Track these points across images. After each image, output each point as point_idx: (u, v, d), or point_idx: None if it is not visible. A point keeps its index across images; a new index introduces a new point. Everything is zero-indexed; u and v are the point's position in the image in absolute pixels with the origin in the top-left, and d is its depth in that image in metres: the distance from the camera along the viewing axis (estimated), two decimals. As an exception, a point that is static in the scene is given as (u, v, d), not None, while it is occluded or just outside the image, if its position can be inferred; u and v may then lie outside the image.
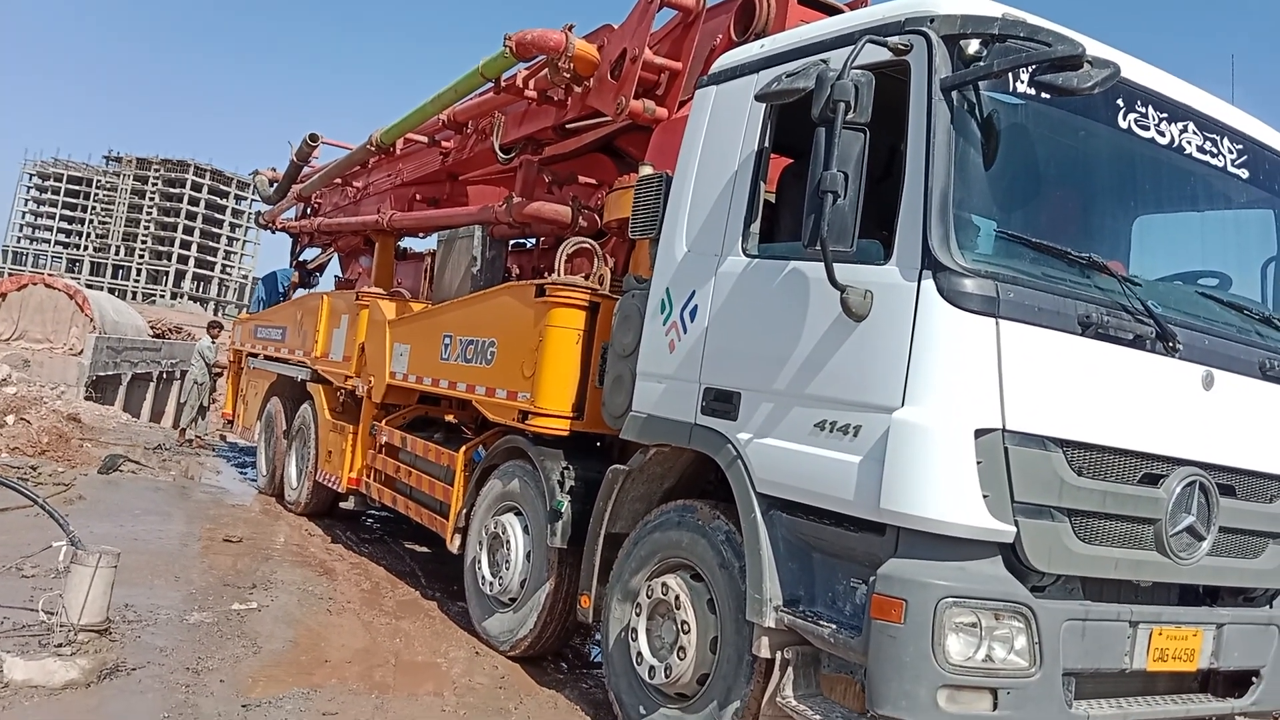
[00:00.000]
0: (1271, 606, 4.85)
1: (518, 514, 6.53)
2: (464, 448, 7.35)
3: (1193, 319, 4.43)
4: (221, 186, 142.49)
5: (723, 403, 4.79)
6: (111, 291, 70.38)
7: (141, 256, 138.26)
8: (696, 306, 5.01)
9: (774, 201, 5.16)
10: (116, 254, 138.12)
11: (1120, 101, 4.28)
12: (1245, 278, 5.03)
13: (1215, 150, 4.64)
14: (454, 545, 7.14)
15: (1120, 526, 4.13)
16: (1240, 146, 4.76)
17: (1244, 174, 4.78)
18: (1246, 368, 4.52)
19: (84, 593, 5.34)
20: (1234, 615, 4.61)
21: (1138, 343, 4.14)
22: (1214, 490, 4.34)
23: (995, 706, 3.86)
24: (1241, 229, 5.10)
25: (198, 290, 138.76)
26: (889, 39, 4.11)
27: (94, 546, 5.56)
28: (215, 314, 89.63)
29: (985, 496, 3.81)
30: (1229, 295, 4.82)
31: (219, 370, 16.54)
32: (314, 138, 12.38)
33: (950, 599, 3.79)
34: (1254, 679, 4.71)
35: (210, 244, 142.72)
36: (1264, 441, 4.62)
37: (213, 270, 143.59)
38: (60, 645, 5.19)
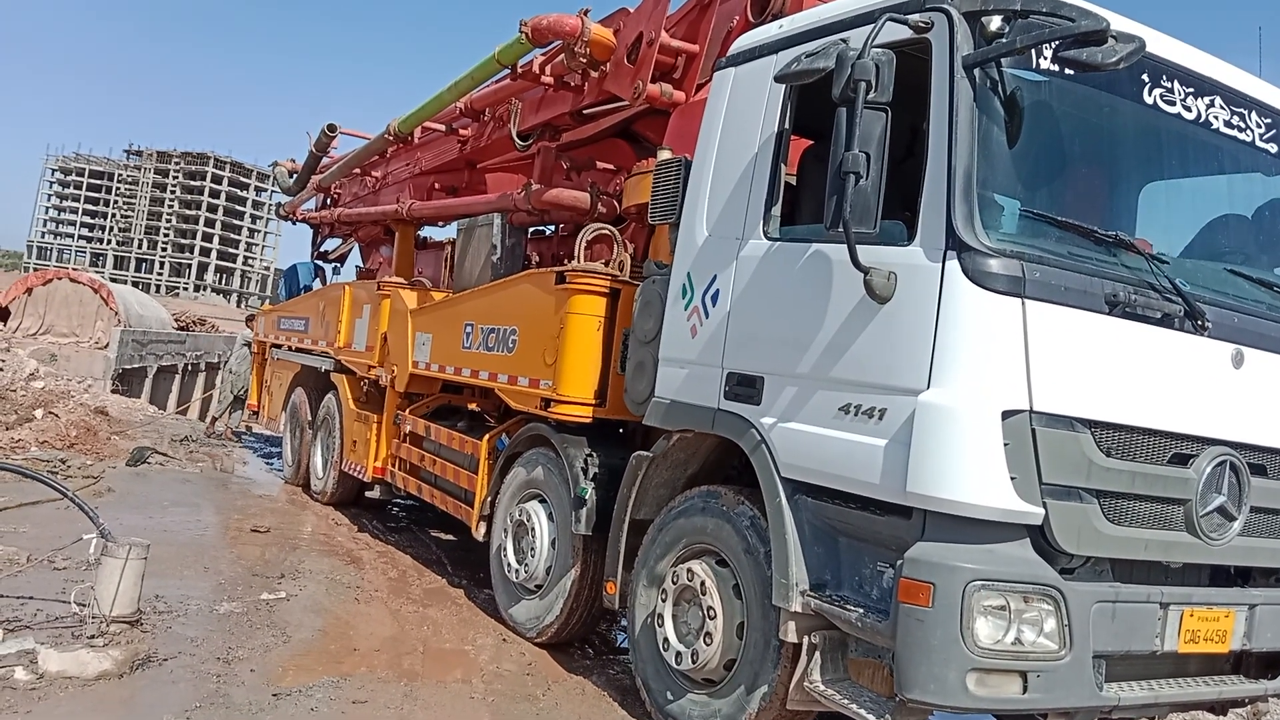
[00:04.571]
0: (1304, 586, 4.79)
1: (542, 501, 6.54)
2: (487, 436, 7.36)
3: (1221, 296, 4.37)
4: (242, 178, 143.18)
5: (746, 387, 4.77)
6: (135, 285, 70.91)
7: (164, 249, 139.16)
8: (718, 291, 4.98)
9: (795, 184, 5.12)
10: (139, 247, 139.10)
11: (1145, 76, 4.23)
12: (1275, 254, 4.96)
13: (1243, 125, 4.57)
14: (479, 533, 7.16)
15: (1150, 507, 4.09)
16: (1269, 120, 4.69)
17: (1273, 148, 4.71)
18: (1277, 345, 4.46)
19: (115, 584, 5.38)
20: (1266, 596, 4.55)
21: (1166, 321, 4.09)
22: (1245, 470, 4.30)
23: (1025, 689, 3.84)
24: (1271, 204, 5.01)
25: (220, 282, 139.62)
26: (910, 16, 4.06)
27: (124, 538, 5.59)
28: (238, 305, 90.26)
29: (1013, 478, 3.78)
30: (1258, 272, 4.75)
31: None
32: (332, 128, 12.39)
33: (979, 582, 3.76)
34: (1287, 660, 4.67)
35: (232, 236, 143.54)
36: (1295, 419, 4.55)
37: (235, 262, 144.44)
38: (93, 637, 5.24)
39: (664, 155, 5.90)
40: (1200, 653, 4.36)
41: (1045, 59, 3.98)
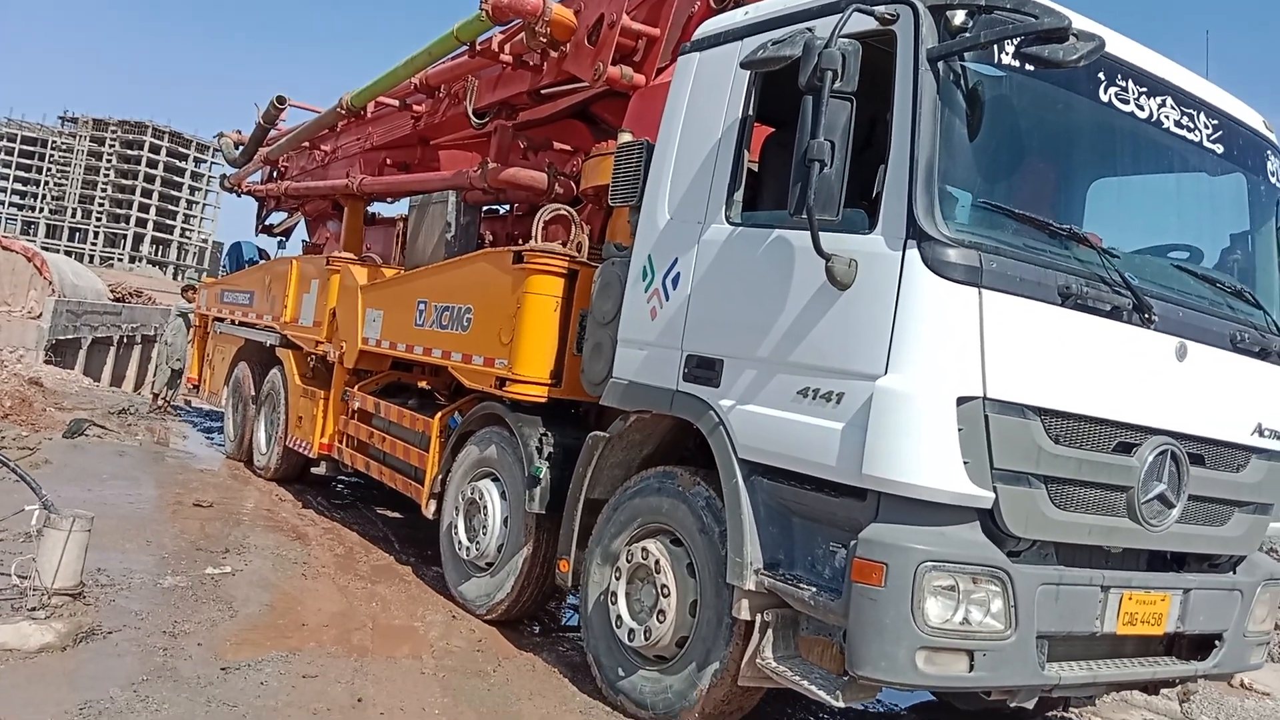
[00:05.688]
0: (1235, 572, 4.98)
1: (495, 480, 6.53)
2: (439, 414, 7.33)
3: (1168, 291, 4.51)
4: (181, 149, 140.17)
5: (705, 370, 4.82)
6: (68, 254, 69.15)
7: (99, 219, 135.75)
8: (679, 274, 5.02)
9: (757, 170, 5.17)
10: (73, 216, 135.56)
11: (1102, 75, 4.34)
12: (1218, 251, 5.13)
13: (1192, 125, 4.71)
14: (429, 511, 7.13)
15: (1094, 493, 4.23)
16: (1216, 122, 4.83)
17: (1219, 149, 4.86)
18: (1218, 340, 4.62)
19: (57, 556, 5.29)
20: (1200, 581, 4.74)
21: (1115, 314, 4.22)
22: (1184, 459, 4.45)
23: (971, 668, 3.96)
24: (1215, 203, 5.18)
25: (156, 254, 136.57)
26: (876, 8, 4.12)
27: (67, 510, 5.50)
28: (174, 278, 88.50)
29: (966, 463, 3.89)
30: (1203, 268, 4.91)
31: None
32: (281, 100, 12.16)
33: (930, 563, 3.87)
34: (1217, 642, 4.86)
35: (169, 207, 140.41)
36: (1233, 412, 4.73)
37: (172, 234, 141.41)
38: (34, 609, 5.14)
39: (625, 138, 5.90)
40: (1136, 634, 4.52)
41: (1007, 55, 4.07)
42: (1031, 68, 4.05)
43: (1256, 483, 4.85)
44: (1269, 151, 5.17)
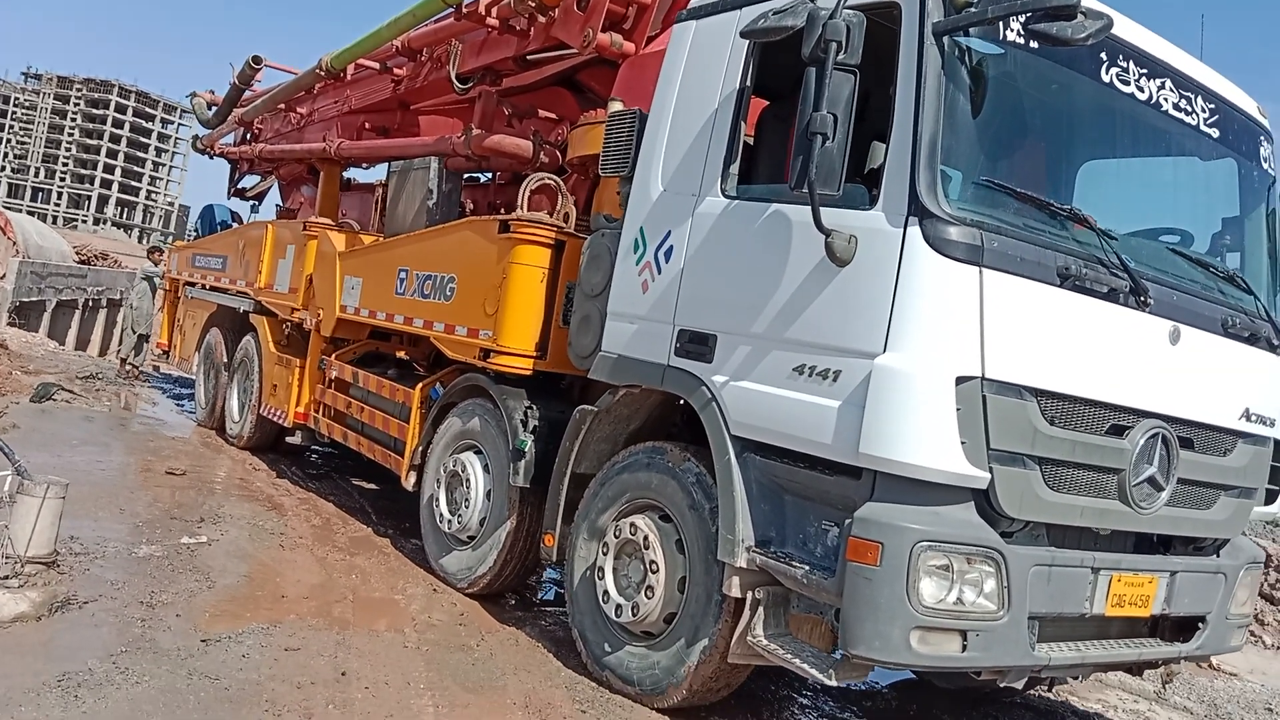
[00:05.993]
0: (1219, 555, 5.02)
1: (478, 453, 6.45)
2: (420, 385, 7.23)
3: (1162, 274, 4.50)
4: (148, 110, 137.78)
5: (698, 345, 4.76)
6: (31, 215, 67.97)
7: (63, 179, 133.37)
8: (672, 247, 4.95)
9: (752, 144, 5.10)
10: (36, 176, 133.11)
11: (1104, 55, 4.30)
12: (1209, 235, 5.13)
13: (1190, 109, 4.70)
14: (409, 483, 7.04)
15: (1087, 475, 4.22)
16: (1212, 106, 4.82)
17: (1214, 133, 4.85)
18: (1210, 324, 4.62)
19: (31, 524, 5.17)
20: (1186, 564, 4.77)
21: (1112, 296, 4.20)
22: (1175, 442, 4.46)
23: (964, 648, 3.96)
24: (1209, 187, 5.17)
25: (121, 216, 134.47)
26: None
27: (41, 476, 5.38)
28: (140, 241, 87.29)
29: (963, 443, 3.87)
30: (1195, 252, 4.91)
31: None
32: (257, 60, 11.94)
33: (925, 542, 3.85)
34: (1200, 624, 4.90)
35: (135, 169, 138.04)
36: (1222, 396, 4.75)
37: (137, 196, 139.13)
38: (7, 578, 5.03)
39: (616, 106, 5.80)
40: (1123, 616, 4.54)
41: (1013, 31, 4.02)
42: (1035, 45, 4.01)
43: (1242, 467, 4.88)
44: (1262, 137, 5.17)
